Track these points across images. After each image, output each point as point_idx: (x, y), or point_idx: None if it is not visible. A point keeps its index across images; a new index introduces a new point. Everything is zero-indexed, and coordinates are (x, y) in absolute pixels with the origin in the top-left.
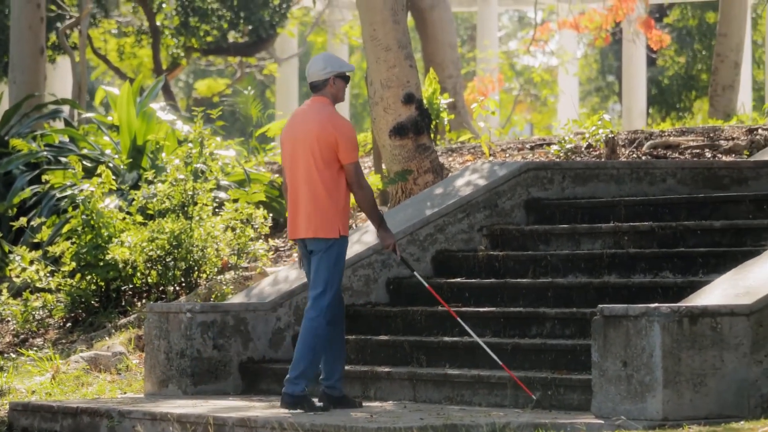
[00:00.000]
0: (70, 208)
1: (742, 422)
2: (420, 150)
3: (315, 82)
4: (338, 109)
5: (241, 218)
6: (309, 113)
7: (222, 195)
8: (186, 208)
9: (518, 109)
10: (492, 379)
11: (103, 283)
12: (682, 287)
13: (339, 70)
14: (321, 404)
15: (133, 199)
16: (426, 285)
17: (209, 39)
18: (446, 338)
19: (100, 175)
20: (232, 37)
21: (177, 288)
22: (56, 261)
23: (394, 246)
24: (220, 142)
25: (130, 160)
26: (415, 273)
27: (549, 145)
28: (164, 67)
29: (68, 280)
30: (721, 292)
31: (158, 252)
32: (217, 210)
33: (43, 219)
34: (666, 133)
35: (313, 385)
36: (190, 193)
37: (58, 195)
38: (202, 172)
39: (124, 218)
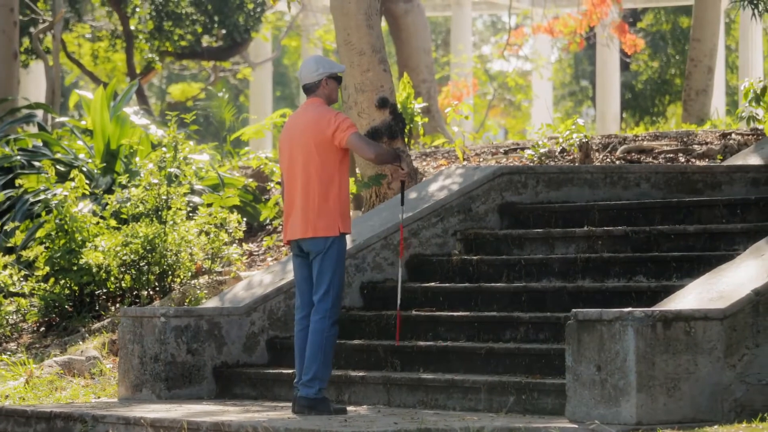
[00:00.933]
0: (43, 213)
1: (715, 426)
2: None
3: (308, 84)
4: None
5: (215, 223)
6: (303, 115)
7: (196, 199)
8: (160, 213)
9: (492, 114)
10: (466, 383)
11: (76, 288)
12: (656, 291)
13: (331, 70)
14: (339, 406)
15: (107, 204)
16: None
17: (183, 43)
18: (420, 342)
19: (73, 180)
20: (206, 41)
21: (151, 292)
22: (30, 265)
23: (406, 175)
24: (194, 146)
25: (104, 164)
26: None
27: (523, 149)
28: (138, 71)
29: (42, 284)
30: (695, 296)
31: (132, 256)
32: (191, 214)
33: (16, 223)
34: (640, 138)
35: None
36: (164, 197)
37: (32, 199)
38: (176, 176)
39: (98, 222)
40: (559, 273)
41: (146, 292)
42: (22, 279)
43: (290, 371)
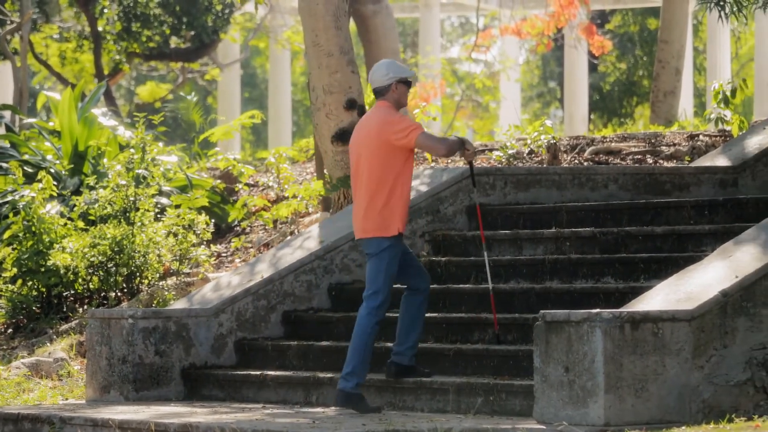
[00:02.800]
0: (11, 214)
1: (683, 427)
2: None
3: (378, 87)
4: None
5: (183, 224)
6: (370, 118)
7: (164, 201)
8: (128, 214)
9: (460, 115)
10: (434, 384)
11: (44, 289)
12: (623, 293)
13: (401, 75)
14: (374, 406)
15: (75, 205)
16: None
17: (151, 44)
18: (389, 344)
19: (41, 181)
20: (174, 42)
21: (119, 294)
22: None
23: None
24: (162, 147)
25: (72, 165)
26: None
27: (491, 150)
28: (106, 72)
29: (9, 285)
30: (662, 297)
31: (100, 258)
32: (159, 216)
33: None
34: (608, 139)
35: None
36: (132, 198)
37: None
38: (144, 177)
39: (66, 224)
40: (528, 274)
41: (114, 294)
42: None
43: (258, 373)
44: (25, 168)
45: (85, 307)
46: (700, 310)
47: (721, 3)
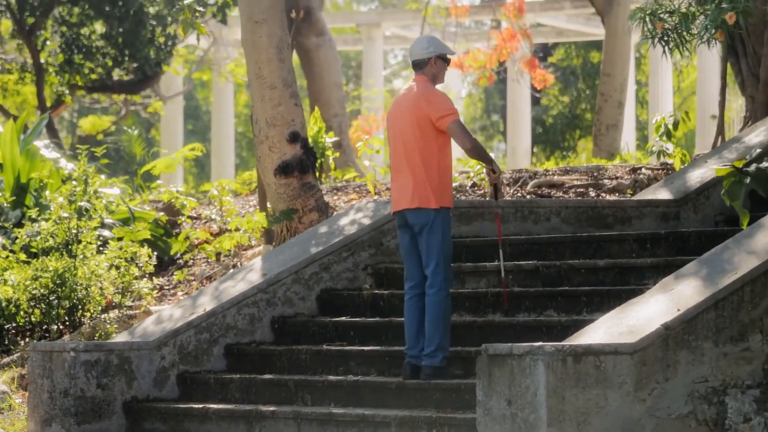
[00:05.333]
0: None
1: None
2: (305, 188)
3: (417, 60)
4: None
5: (126, 257)
6: (408, 92)
7: (106, 233)
8: (70, 247)
9: None
10: (377, 418)
11: None
12: (566, 326)
13: (441, 51)
14: (460, 372)
15: (17, 237)
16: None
17: (94, 76)
18: (331, 377)
19: None
20: (116, 74)
21: (61, 327)
22: None
23: (497, 179)
24: (104, 180)
25: (14, 198)
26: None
27: None
28: (48, 104)
29: None
30: (604, 330)
31: (42, 290)
32: (101, 248)
33: None
34: (550, 172)
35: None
36: (74, 231)
37: None
38: (87, 210)
39: (8, 256)
40: (470, 307)
41: (56, 327)
42: None
43: (200, 406)
44: None
45: (27, 340)
46: (642, 344)
47: (665, 38)
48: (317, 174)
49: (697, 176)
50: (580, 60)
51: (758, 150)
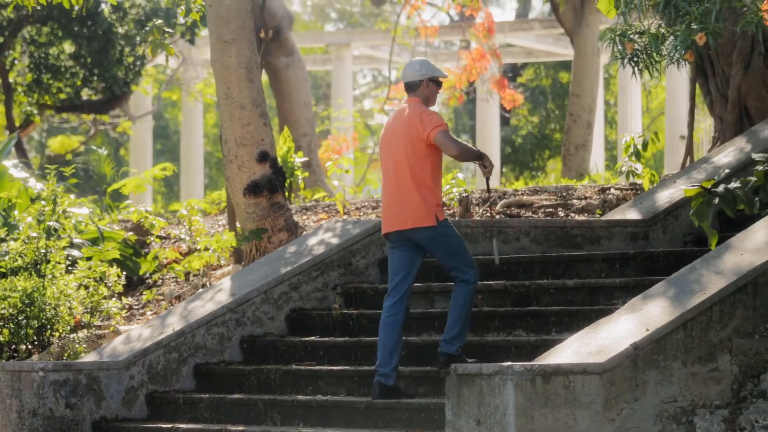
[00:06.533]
0: None
1: None
2: (274, 208)
3: (409, 82)
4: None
5: (95, 276)
6: (400, 115)
7: (75, 253)
8: (39, 266)
9: (373, 168)
10: None
11: None
12: (535, 346)
13: (433, 74)
14: (473, 360)
15: None
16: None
17: (62, 96)
18: (300, 397)
19: None
20: (85, 94)
21: (29, 346)
22: None
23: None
24: (73, 200)
25: None
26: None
27: None
28: (17, 124)
29: None
30: (573, 350)
31: (10, 310)
32: (70, 268)
33: None
34: (519, 192)
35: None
36: (43, 251)
37: None
38: (55, 230)
39: None
40: (439, 327)
41: (25, 347)
42: None
43: (169, 426)
44: None
45: None
46: (611, 363)
47: (635, 59)
48: (286, 194)
49: (666, 196)
50: (550, 80)
51: (727, 170)
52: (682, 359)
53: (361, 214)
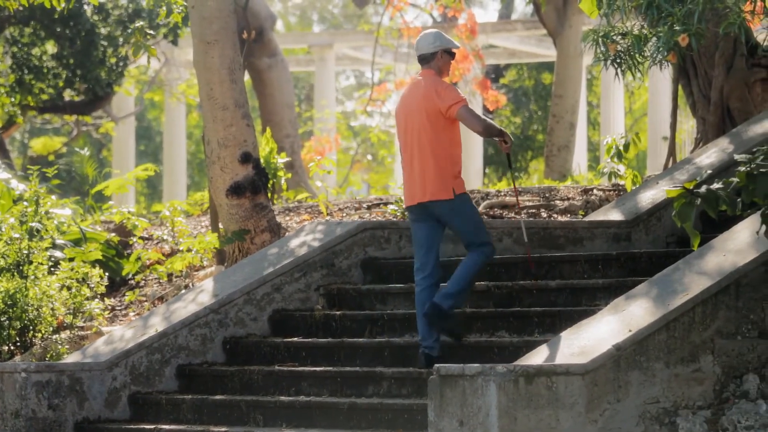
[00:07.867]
0: None
1: None
2: (257, 209)
3: (423, 54)
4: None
5: (77, 277)
6: (416, 86)
7: (58, 254)
8: (21, 267)
9: (355, 169)
10: None
11: None
12: (518, 346)
13: (446, 45)
14: (458, 331)
15: None
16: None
17: (45, 97)
18: (283, 398)
19: None
20: (68, 95)
21: (11, 347)
22: None
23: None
24: (55, 200)
25: None
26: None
27: (386, 204)
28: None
29: None
30: (556, 351)
31: None
32: (52, 269)
33: None
34: (502, 193)
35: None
36: (26, 252)
37: None
38: (38, 230)
39: None
40: None
41: (7, 348)
42: None
43: (152, 427)
44: None
45: None
46: (593, 364)
47: (618, 60)
48: (269, 195)
49: (649, 197)
50: (532, 81)
51: (709, 171)
52: (665, 360)
53: (344, 215)
